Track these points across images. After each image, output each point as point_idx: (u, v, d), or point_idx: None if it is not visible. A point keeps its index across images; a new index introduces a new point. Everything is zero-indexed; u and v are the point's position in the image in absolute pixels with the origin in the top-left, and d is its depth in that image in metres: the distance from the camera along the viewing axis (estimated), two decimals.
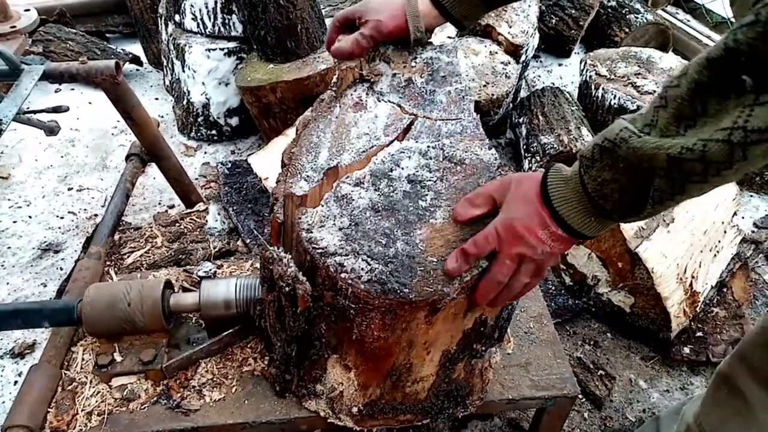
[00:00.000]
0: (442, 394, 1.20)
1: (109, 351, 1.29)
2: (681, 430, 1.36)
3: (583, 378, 1.82)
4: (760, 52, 0.59)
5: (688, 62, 0.70)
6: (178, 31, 2.84)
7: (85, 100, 3.15)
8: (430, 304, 0.94)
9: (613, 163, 0.74)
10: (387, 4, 1.19)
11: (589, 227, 0.83)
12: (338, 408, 1.18)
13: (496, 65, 2.76)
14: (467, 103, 1.21)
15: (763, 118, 0.60)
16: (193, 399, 1.25)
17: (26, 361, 1.91)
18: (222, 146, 2.92)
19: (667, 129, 0.69)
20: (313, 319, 1.05)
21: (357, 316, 0.96)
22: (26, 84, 1.56)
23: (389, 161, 1.08)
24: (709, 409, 1.27)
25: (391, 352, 1.04)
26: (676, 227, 1.86)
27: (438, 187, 1.05)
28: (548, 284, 2.11)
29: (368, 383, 1.12)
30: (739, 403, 1.19)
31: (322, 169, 1.06)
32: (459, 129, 1.15)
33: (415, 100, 1.21)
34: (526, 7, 2.99)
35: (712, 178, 0.67)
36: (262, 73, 2.54)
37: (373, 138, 1.12)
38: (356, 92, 1.23)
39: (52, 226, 2.43)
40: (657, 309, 1.86)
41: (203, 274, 1.49)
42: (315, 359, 1.14)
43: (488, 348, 1.17)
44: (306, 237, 0.96)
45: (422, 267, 0.93)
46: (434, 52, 1.30)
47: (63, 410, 1.22)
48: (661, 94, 0.71)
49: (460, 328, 1.06)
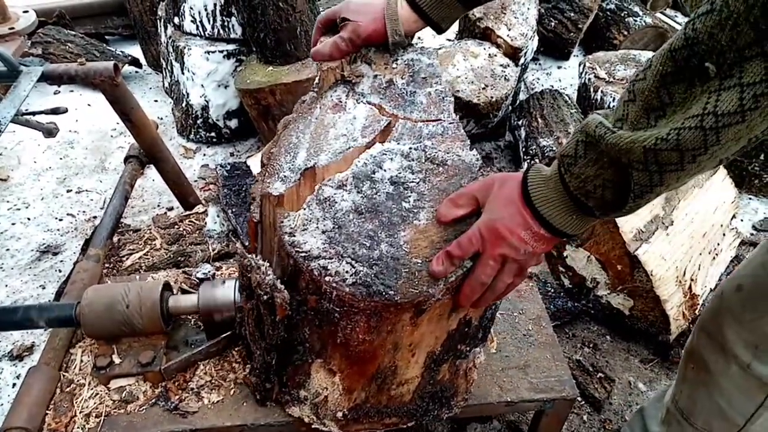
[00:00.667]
0: (427, 396, 1.19)
1: (107, 353, 1.28)
2: (663, 413, 1.38)
3: (583, 380, 1.82)
4: (718, 39, 0.60)
5: (652, 55, 0.71)
6: (177, 34, 2.84)
7: (84, 102, 3.16)
8: (416, 306, 0.93)
9: (598, 158, 0.75)
10: (367, 6, 1.20)
11: (571, 225, 0.85)
12: (322, 413, 1.17)
13: (496, 68, 2.76)
14: (447, 104, 1.21)
15: (730, 102, 0.62)
16: (191, 401, 1.25)
17: (25, 363, 1.90)
18: (221, 148, 2.92)
19: (638, 122, 0.71)
20: (296, 324, 1.04)
21: (342, 319, 0.95)
22: (25, 85, 1.56)
23: (371, 163, 1.08)
24: (681, 387, 1.30)
25: (376, 354, 1.03)
26: (675, 230, 1.87)
27: (421, 188, 1.04)
28: (547, 287, 2.11)
29: (353, 387, 1.11)
30: (702, 374, 1.22)
31: (299, 170, 1.05)
32: (440, 130, 1.16)
33: (395, 101, 1.21)
34: (525, 10, 2.99)
35: (688, 165, 0.68)
36: (261, 75, 2.54)
37: (350, 139, 1.12)
38: (336, 93, 1.23)
39: (50, 228, 2.43)
40: (656, 311, 1.86)
41: (202, 276, 1.49)
42: (298, 364, 1.12)
43: (472, 348, 1.17)
44: (288, 241, 0.95)
45: (407, 268, 0.93)
46: (415, 54, 1.31)
47: (61, 412, 1.22)
48: (629, 88, 0.72)
49: (444, 329, 1.05)
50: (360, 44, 1.23)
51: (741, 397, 1.14)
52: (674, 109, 0.67)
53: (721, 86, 0.62)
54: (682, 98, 0.66)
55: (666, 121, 0.68)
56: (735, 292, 1.14)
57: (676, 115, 0.67)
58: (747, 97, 0.60)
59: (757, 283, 1.09)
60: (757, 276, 1.09)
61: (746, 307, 1.10)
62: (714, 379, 1.19)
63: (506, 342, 1.42)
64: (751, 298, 1.10)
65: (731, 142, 0.65)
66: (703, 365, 1.21)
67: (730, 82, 0.61)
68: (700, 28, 0.62)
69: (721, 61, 0.61)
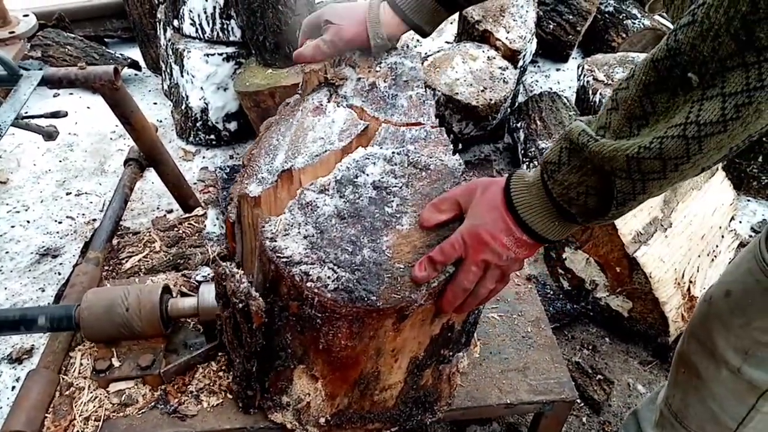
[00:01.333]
0: (410, 401, 1.19)
1: (107, 356, 1.28)
2: (656, 416, 1.39)
3: (582, 382, 1.82)
4: (700, 50, 0.61)
5: (635, 65, 0.72)
6: (176, 36, 2.84)
7: (83, 105, 3.16)
8: (398, 312, 0.93)
9: (581, 165, 0.76)
10: (351, 10, 1.21)
11: (554, 231, 0.85)
12: (305, 419, 1.16)
13: (494, 70, 2.77)
14: (427, 107, 1.21)
15: (713, 111, 0.62)
16: (190, 404, 1.25)
17: (24, 367, 1.90)
18: (220, 151, 2.92)
19: (620, 130, 0.72)
20: (278, 330, 1.03)
21: (323, 325, 0.94)
22: (25, 89, 1.56)
23: (354, 167, 1.07)
24: (673, 390, 1.31)
25: (359, 360, 1.03)
26: (674, 232, 1.87)
27: (404, 193, 1.04)
28: (546, 289, 2.12)
29: (335, 393, 1.10)
30: (694, 379, 1.22)
31: (276, 172, 1.05)
32: (423, 135, 1.15)
33: (377, 103, 1.21)
34: (524, 12, 3.00)
35: (671, 173, 0.69)
36: (260, 77, 2.55)
37: (327, 143, 1.12)
38: (318, 96, 1.24)
39: (50, 230, 2.43)
40: (655, 313, 1.86)
41: (201, 278, 1.49)
42: (280, 370, 1.11)
43: (456, 353, 1.17)
44: (270, 246, 0.94)
45: (389, 274, 0.92)
46: (399, 58, 1.31)
47: (60, 415, 1.21)
48: (612, 97, 0.73)
49: (427, 334, 1.05)
50: (342, 47, 1.24)
51: (732, 400, 1.15)
52: (657, 118, 0.68)
53: (704, 96, 0.63)
54: (664, 108, 0.67)
55: (649, 130, 0.69)
56: (723, 298, 1.14)
57: (659, 124, 0.68)
58: (729, 106, 0.61)
59: (746, 290, 1.09)
60: (746, 282, 1.09)
61: (735, 313, 1.11)
62: (705, 384, 1.19)
63: (505, 344, 1.42)
64: (739, 304, 1.11)
65: (713, 151, 0.66)
66: (695, 370, 1.21)
67: (712, 92, 0.62)
68: (683, 39, 0.62)
69: (703, 71, 0.62)
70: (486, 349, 1.41)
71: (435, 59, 2.75)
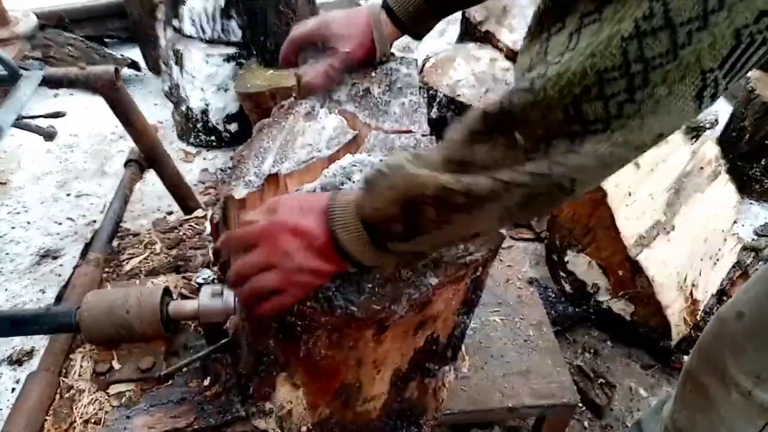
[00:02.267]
0: (394, 414, 1.17)
1: (107, 358, 1.28)
2: (661, 429, 1.37)
3: (584, 386, 1.82)
4: (530, 117, 0.63)
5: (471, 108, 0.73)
6: (177, 37, 2.84)
7: (83, 105, 3.15)
8: (378, 322, 0.92)
9: (391, 186, 0.75)
10: (351, 27, 1.17)
11: (365, 255, 0.82)
12: (287, 427, 1.15)
13: (497, 72, 2.76)
14: (419, 115, 1.20)
15: (528, 178, 0.65)
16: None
17: (24, 369, 1.89)
18: (221, 152, 2.92)
19: (439, 165, 0.72)
20: (260, 336, 1.02)
21: (303, 333, 0.93)
22: (25, 90, 1.55)
23: (341, 174, 1.04)
24: (680, 407, 1.29)
25: (339, 370, 1.02)
26: (676, 235, 1.86)
27: None
28: (548, 292, 2.11)
29: (317, 402, 1.09)
30: (701, 400, 1.21)
31: (263, 175, 1.05)
32: (413, 142, 1.14)
33: (370, 110, 1.20)
34: (527, 13, 2.99)
35: (476, 211, 0.70)
36: (261, 79, 2.54)
37: (314, 149, 1.11)
38: (311, 101, 1.23)
39: (50, 232, 2.42)
40: (657, 317, 1.86)
41: (202, 281, 1.49)
42: (264, 376, 1.11)
43: (441, 366, 1.16)
44: None
45: (370, 284, 0.90)
46: (395, 64, 1.30)
47: (60, 418, 1.21)
48: (444, 136, 0.74)
49: (411, 346, 1.04)
50: (350, 70, 1.23)
51: (741, 422, 1.13)
52: (477, 168, 0.69)
53: (528, 157, 0.65)
54: (484, 159, 0.68)
55: (465, 176, 0.69)
56: (736, 320, 1.12)
57: (479, 175, 0.68)
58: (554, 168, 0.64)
59: (762, 314, 1.08)
60: (762, 306, 1.08)
61: (748, 337, 1.10)
62: (714, 405, 1.18)
63: (507, 347, 1.42)
64: (753, 328, 1.09)
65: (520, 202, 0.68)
66: (703, 390, 1.20)
67: (534, 156, 0.64)
68: (516, 102, 0.64)
69: (528, 135, 0.64)
70: (487, 352, 1.40)
71: (437, 60, 2.74)
